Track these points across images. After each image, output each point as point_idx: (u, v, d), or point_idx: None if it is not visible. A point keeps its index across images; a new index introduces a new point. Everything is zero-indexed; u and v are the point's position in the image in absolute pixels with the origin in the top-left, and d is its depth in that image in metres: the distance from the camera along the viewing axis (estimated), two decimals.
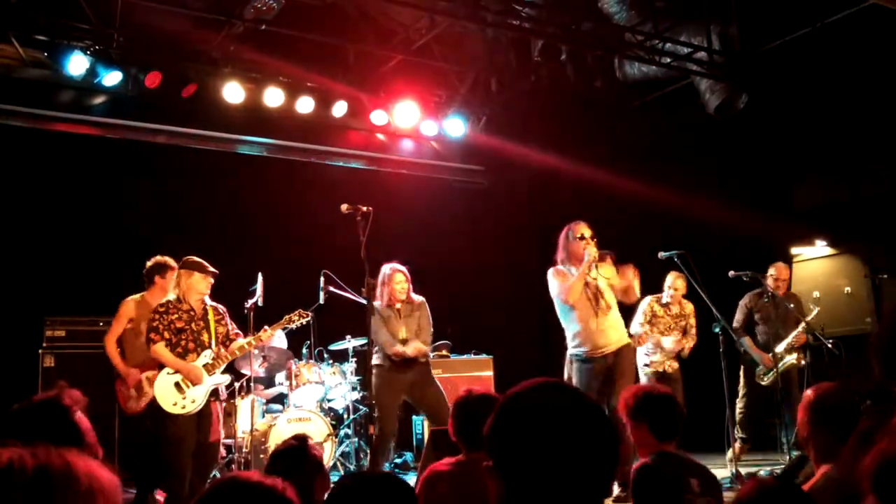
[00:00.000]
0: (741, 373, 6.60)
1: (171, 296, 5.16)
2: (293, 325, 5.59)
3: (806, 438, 2.46)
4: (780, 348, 6.22)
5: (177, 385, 4.99)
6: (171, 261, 5.88)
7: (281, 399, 6.87)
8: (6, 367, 6.29)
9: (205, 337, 5.17)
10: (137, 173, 7.39)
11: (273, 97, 7.53)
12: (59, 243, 6.96)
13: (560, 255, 5.55)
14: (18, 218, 6.82)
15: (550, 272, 5.51)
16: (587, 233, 5.42)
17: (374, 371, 5.44)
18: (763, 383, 6.32)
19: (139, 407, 5.41)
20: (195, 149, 7.71)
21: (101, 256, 7.06)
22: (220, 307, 5.35)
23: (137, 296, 5.80)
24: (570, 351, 5.45)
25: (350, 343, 6.88)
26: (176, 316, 5.09)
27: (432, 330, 5.85)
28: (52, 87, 6.95)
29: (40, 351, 6.19)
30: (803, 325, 6.25)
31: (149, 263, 5.88)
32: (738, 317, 6.57)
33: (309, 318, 5.61)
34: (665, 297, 6.43)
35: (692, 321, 6.47)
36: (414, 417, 7.20)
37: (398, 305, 5.75)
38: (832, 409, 2.39)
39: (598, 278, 5.37)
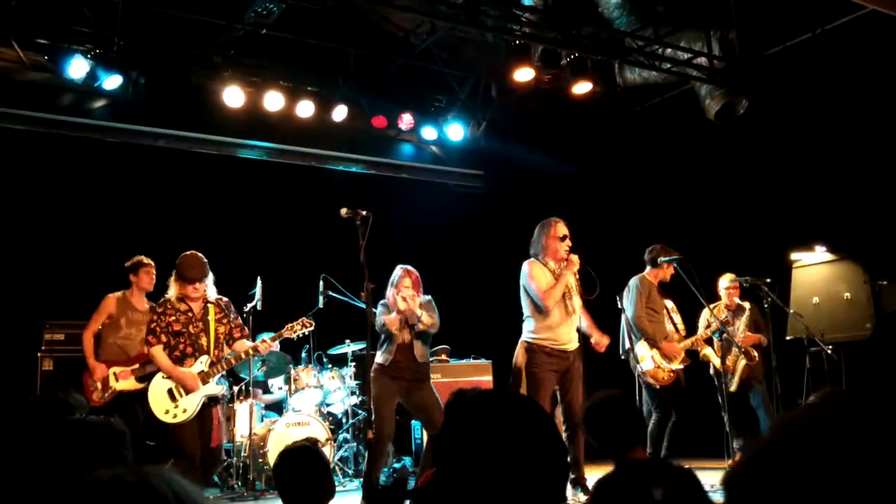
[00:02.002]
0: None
1: (171, 293, 4.99)
2: (294, 335, 5.41)
3: None
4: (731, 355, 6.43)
5: (170, 392, 4.86)
6: (144, 259, 6.00)
7: (280, 403, 6.86)
8: (5, 370, 6.29)
9: (203, 341, 4.97)
10: (137, 177, 7.39)
11: (273, 101, 7.53)
12: (58, 247, 6.96)
13: (535, 248, 5.63)
14: (18, 221, 6.82)
15: (528, 266, 5.56)
16: (567, 233, 5.53)
17: (371, 374, 5.35)
18: (731, 390, 6.38)
19: (102, 399, 5.61)
20: (195, 153, 7.72)
21: (101, 260, 7.05)
22: (224, 301, 5.16)
23: (119, 293, 5.88)
24: (532, 339, 5.47)
25: (349, 347, 6.88)
26: (173, 318, 4.93)
27: (438, 322, 5.78)
28: (53, 90, 6.95)
29: (39, 354, 6.19)
30: (744, 325, 6.42)
31: (127, 263, 5.99)
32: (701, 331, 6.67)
33: (311, 328, 5.46)
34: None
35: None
36: (413, 423, 7.19)
37: None
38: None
39: (570, 280, 5.50)
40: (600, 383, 3.47)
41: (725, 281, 6.70)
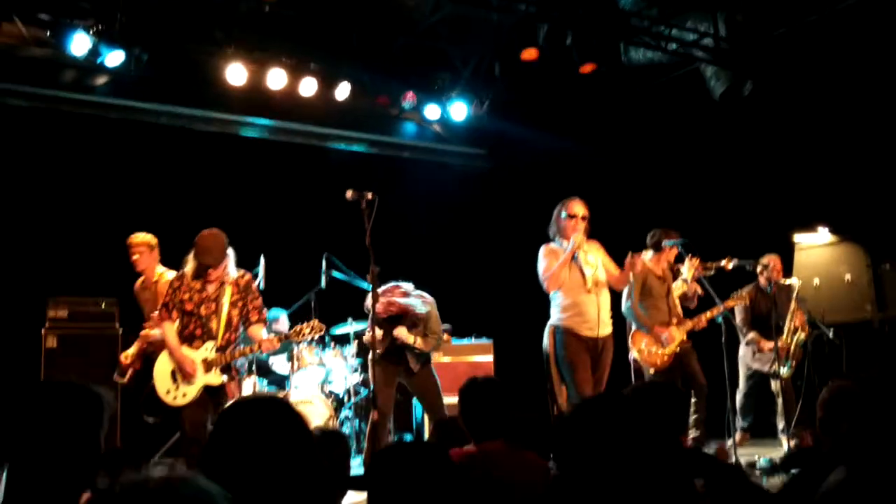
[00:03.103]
0: (740, 363, 6.66)
1: (188, 268, 4.82)
2: (303, 340, 5.16)
3: (824, 436, 2.45)
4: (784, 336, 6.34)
5: (173, 374, 4.71)
6: (139, 237, 5.92)
7: (282, 381, 6.90)
8: (9, 346, 6.32)
9: (213, 324, 4.76)
10: (139, 154, 7.37)
11: (276, 79, 7.48)
12: (61, 223, 6.96)
13: (551, 230, 5.56)
14: (21, 198, 6.82)
15: (542, 250, 5.51)
16: (580, 211, 5.40)
17: (370, 357, 5.29)
18: (784, 375, 6.31)
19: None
20: (197, 130, 7.69)
21: (103, 237, 7.05)
22: (244, 280, 4.91)
23: (140, 280, 5.91)
24: (557, 321, 5.36)
25: (351, 327, 6.90)
26: (187, 296, 4.76)
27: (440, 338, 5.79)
28: (55, 66, 6.91)
29: (43, 331, 6.20)
30: (794, 302, 6.39)
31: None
32: (741, 316, 6.61)
33: (322, 332, 5.13)
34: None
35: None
36: (414, 400, 7.23)
37: None
38: (850, 406, 2.39)
39: (587, 255, 5.35)
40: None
41: (765, 259, 6.57)
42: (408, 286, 5.70)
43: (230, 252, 4.85)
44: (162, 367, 4.75)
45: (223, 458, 1.66)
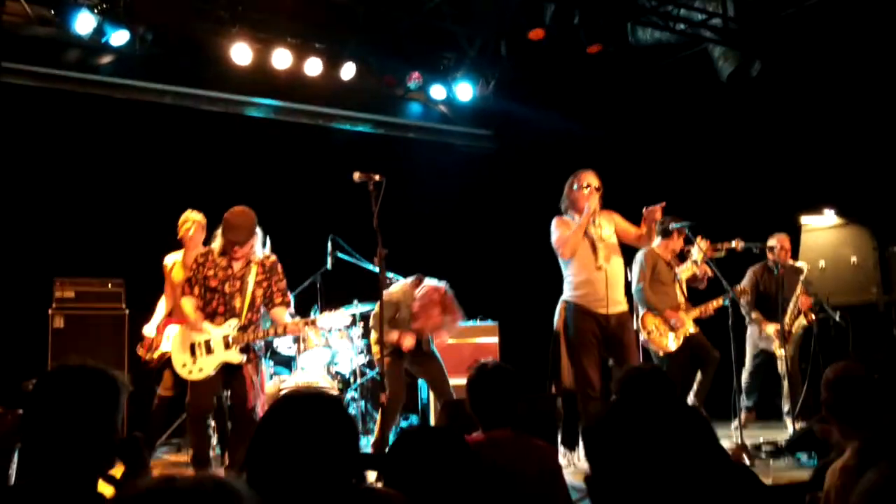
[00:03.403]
0: (747, 342, 6.67)
1: (215, 244, 4.84)
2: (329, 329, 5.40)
3: (828, 416, 2.47)
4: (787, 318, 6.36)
5: (192, 348, 4.72)
6: (189, 214, 5.89)
7: (288, 362, 6.92)
8: (16, 326, 6.34)
9: (237, 302, 4.76)
10: (144, 134, 7.35)
11: (281, 58, 7.44)
12: (67, 203, 6.95)
13: (563, 204, 5.49)
14: (26, 178, 6.80)
15: (553, 221, 5.45)
16: (593, 182, 5.33)
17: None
18: (780, 356, 6.36)
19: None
20: (202, 110, 7.66)
21: (109, 218, 7.06)
22: (270, 261, 4.92)
23: (175, 254, 5.92)
24: (566, 297, 5.34)
25: (357, 308, 6.90)
26: (212, 272, 4.75)
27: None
28: (59, 45, 6.88)
29: (50, 311, 6.22)
30: (800, 286, 6.42)
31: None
32: (745, 297, 6.61)
33: (347, 323, 5.44)
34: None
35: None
36: (420, 382, 7.25)
37: None
38: (853, 387, 2.40)
39: (600, 230, 5.26)
40: None
41: (772, 241, 6.60)
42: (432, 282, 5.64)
43: (258, 231, 4.85)
44: (180, 341, 4.77)
45: (271, 453, 1.64)
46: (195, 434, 4.77)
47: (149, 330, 5.97)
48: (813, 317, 6.43)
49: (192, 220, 5.86)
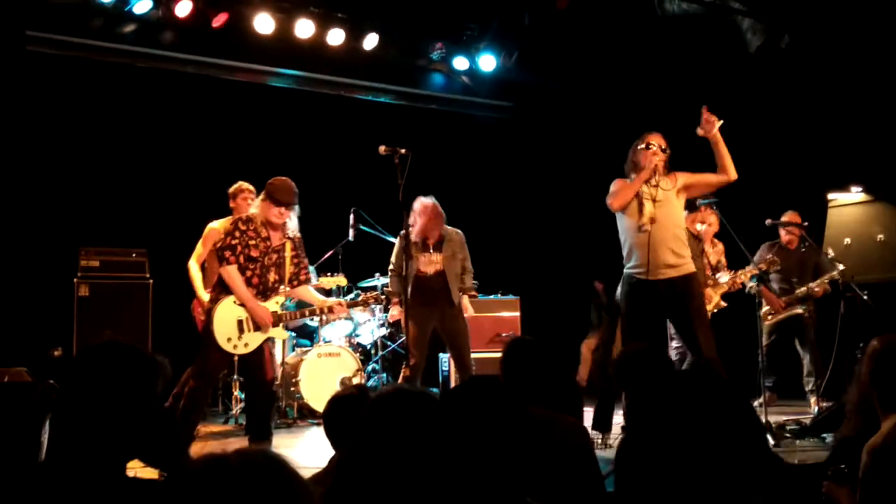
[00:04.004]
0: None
1: (256, 214, 4.67)
2: (366, 308, 5.43)
3: (869, 388, 2.44)
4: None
5: (239, 323, 4.55)
6: (244, 185, 5.91)
7: (310, 334, 6.96)
8: (43, 295, 6.40)
9: (272, 276, 4.64)
10: (167, 104, 7.34)
11: (304, 28, 7.39)
12: (92, 173, 6.98)
13: (626, 166, 5.11)
14: (52, 147, 6.83)
15: (613, 182, 5.09)
16: (658, 142, 5.01)
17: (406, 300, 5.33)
18: (771, 322, 6.48)
19: None
20: (224, 80, 7.64)
21: (133, 187, 7.08)
22: (298, 238, 4.82)
23: (225, 220, 5.88)
24: (625, 270, 5.02)
25: (379, 281, 6.92)
26: (254, 242, 4.56)
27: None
28: (83, 13, 6.87)
29: (75, 280, 6.27)
30: (832, 274, 6.33)
31: (229, 189, 5.96)
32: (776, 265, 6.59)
33: (382, 303, 5.45)
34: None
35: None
36: (440, 355, 7.27)
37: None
38: None
39: (655, 190, 4.84)
40: None
41: (785, 217, 6.58)
42: None
43: (296, 207, 4.76)
44: (226, 314, 4.55)
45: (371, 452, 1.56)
46: (194, 401, 4.53)
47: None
48: (813, 310, 6.46)
49: (248, 190, 5.83)
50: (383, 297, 5.32)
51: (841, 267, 6.17)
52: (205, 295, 5.61)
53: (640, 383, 3.02)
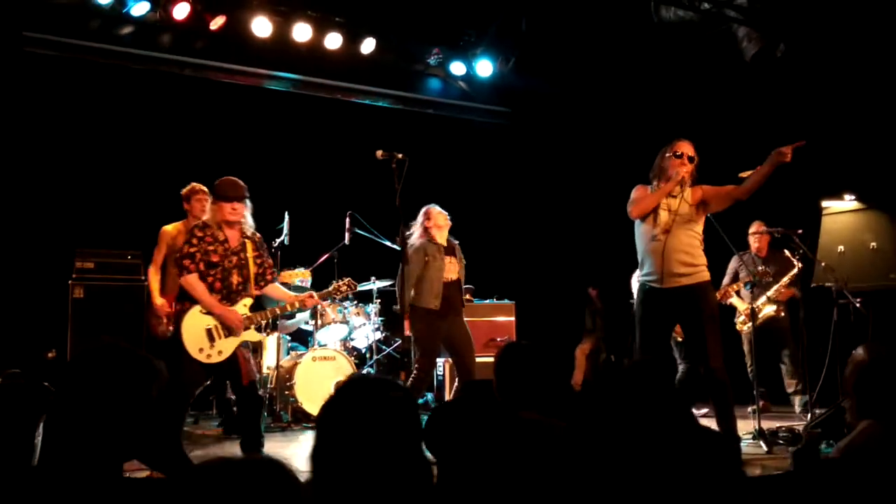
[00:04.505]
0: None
1: (209, 220, 4.55)
2: (339, 296, 5.16)
3: (849, 393, 2.46)
4: (760, 301, 6.55)
5: (209, 332, 4.40)
6: (198, 186, 5.88)
7: (305, 337, 6.96)
8: (37, 297, 6.40)
9: (234, 279, 4.48)
10: (164, 106, 7.35)
11: (301, 32, 7.41)
12: (88, 175, 6.98)
13: (652, 171, 4.99)
14: (48, 148, 6.83)
15: (635, 188, 4.99)
16: (688, 151, 4.88)
17: (416, 314, 5.39)
18: (738, 329, 6.70)
19: (168, 334, 5.54)
20: (221, 82, 7.65)
21: (129, 189, 7.08)
22: (258, 237, 4.69)
23: (176, 223, 5.88)
24: (640, 278, 4.98)
25: (374, 285, 6.93)
26: (212, 247, 4.44)
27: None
28: (81, 14, 6.87)
29: (70, 282, 6.26)
30: (787, 277, 6.54)
31: (182, 191, 5.97)
32: (726, 279, 6.81)
33: (356, 290, 5.20)
34: None
35: None
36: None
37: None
38: (884, 370, 2.40)
39: (677, 202, 4.75)
40: None
41: (753, 227, 6.76)
42: None
43: (248, 203, 4.63)
44: (194, 323, 4.41)
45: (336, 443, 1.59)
46: (169, 418, 4.35)
47: (162, 302, 5.84)
48: (783, 310, 6.62)
49: (202, 191, 5.76)
50: (356, 284, 5.11)
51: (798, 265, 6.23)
52: (158, 300, 5.71)
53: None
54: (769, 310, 6.65)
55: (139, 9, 6.77)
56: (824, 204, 7.79)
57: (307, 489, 1.06)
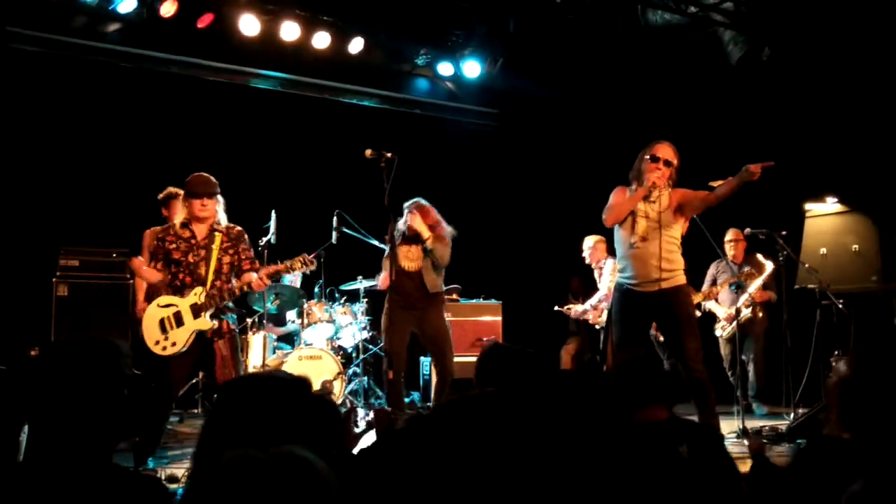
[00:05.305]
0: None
1: (176, 219, 4.74)
2: (292, 273, 5.10)
3: (831, 405, 2.48)
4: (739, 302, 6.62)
5: (161, 323, 4.56)
6: (174, 190, 5.89)
7: (291, 335, 6.95)
8: (22, 294, 6.35)
9: (202, 270, 4.64)
10: (151, 104, 7.31)
11: (289, 31, 7.40)
12: (73, 173, 6.94)
13: (632, 173, 5.02)
14: (33, 146, 6.78)
15: (614, 190, 5.05)
16: (665, 154, 4.88)
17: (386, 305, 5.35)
18: (717, 335, 6.84)
19: None
20: (209, 80, 7.62)
21: (115, 187, 7.04)
22: (235, 230, 4.80)
23: (157, 228, 5.85)
24: (617, 279, 5.06)
25: (361, 284, 6.93)
26: (174, 245, 4.63)
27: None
28: (66, 11, 6.82)
29: (54, 280, 6.22)
30: (761, 280, 6.68)
31: (159, 196, 5.97)
32: (705, 286, 6.96)
33: (313, 267, 4.98)
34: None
35: None
36: (421, 358, 7.30)
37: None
38: (868, 384, 2.42)
39: (654, 206, 4.82)
40: None
41: (729, 234, 6.86)
42: None
43: (220, 199, 4.75)
44: (150, 318, 4.59)
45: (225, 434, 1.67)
46: (151, 417, 4.47)
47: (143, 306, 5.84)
48: (760, 311, 6.74)
49: (180, 194, 5.69)
50: (313, 260, 4.95)
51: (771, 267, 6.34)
52: (140, 304, 5.76)
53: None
54: (746, 312, 6.76)
55: (125, 6, 6.73)
56: (807, 206, 7.87)
57: (335, 487, 1.04)
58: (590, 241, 7.20)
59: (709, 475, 2.58)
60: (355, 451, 2.55)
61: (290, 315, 6.98)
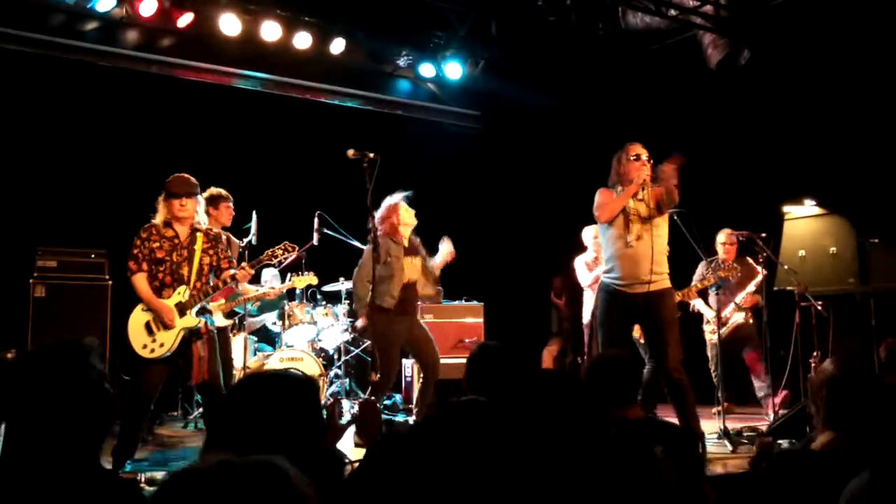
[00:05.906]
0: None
1: (158, 218, 4.72)
2: (276, 261, 5.10)
3: (817, 405, 2.51)
4: (727, 310, 6.63)
5: (147, 326, 4.56)
6: (216, 191, 5.87)
7: (272, 338, 6.91)
8: None
9: (184, 270, 4.65)
10: (130, 104, 7.24)
11: (270, 31, 7.36)
12: (51, 173, 6.85)
13: (612, 178, 5.09)
14: (9, 145, 6.68)
15: (598, 191, 5.10)
16: (643, 153, 5.01)
17: (374, 315, 5.34)
18: (706, 339, 6.76)
19: None
20: (189, 80, 7.55)
21: (93, 188, 6.97)
22: (214, 232, 4.88)
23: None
24: (602, 277, 5.09)
25: (343, 285, 6.91)
26: (157, 244, 4.61)
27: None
28: (44, 9, 6.74)
29: (31, 281, 6.14)
30: (753, 284, 6.63)
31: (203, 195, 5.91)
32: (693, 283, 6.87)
33: (294, 253, 5.10)
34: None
35: None
36: (403, 360, 7.27)
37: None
38: (853, 382, 2.44)
39: (643, 205, 4.90)
40: None
41: (722, 236, 6.81)
42: None
43: (200, 199, 4.79)
44: (135, 322, 4.58)
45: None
46: (130, 420, 4.44)
47: None
48: (751, 317, 6.71)
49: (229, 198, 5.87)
50: (293, 246, 5.06)
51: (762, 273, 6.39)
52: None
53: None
54: (738, 317, 6.73)
55: (104, 4, 6.67)
56: (785, 209, 7.96)
57: (314, 496, 1.03)
58: (592, 231, 7.03)
59: (679, 476, 2.61)
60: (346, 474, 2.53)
61: (270, 317, 6.94)
